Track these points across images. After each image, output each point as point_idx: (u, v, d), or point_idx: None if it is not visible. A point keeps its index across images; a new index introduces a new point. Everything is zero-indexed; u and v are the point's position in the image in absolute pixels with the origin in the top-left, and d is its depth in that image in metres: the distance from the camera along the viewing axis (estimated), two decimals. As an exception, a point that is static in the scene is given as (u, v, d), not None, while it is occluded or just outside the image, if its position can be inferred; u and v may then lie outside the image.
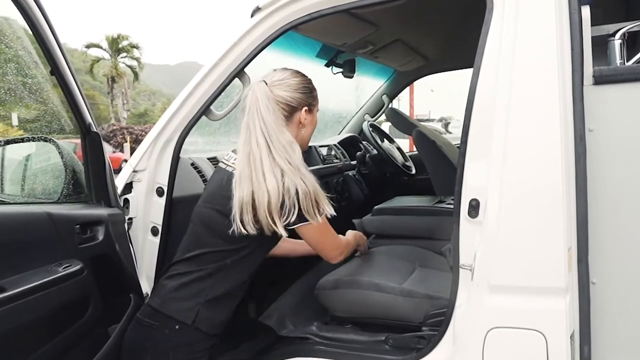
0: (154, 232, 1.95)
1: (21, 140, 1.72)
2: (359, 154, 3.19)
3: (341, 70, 2.81)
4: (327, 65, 2.77)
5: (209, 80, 1.78)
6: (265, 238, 1.49)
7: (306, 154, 2.87)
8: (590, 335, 1.32)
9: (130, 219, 1.93)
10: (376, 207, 2.37)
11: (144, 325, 1.54)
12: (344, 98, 3.61)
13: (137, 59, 38.98)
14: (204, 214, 1.60)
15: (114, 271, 1.61)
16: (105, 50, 37.91)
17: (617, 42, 1.48)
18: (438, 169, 2.69)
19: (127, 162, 2.03)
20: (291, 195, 1.41)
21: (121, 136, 26.85)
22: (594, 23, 1.36)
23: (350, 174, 3.09)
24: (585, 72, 1.32)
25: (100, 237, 1.52)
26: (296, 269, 2.85)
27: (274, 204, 1.39)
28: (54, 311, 1.29)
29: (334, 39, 2.44)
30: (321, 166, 2.88)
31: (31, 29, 1.29)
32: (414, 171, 3.27)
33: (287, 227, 1.45)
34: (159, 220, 1.93)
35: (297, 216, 1.43)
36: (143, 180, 1.92)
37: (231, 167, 1.54)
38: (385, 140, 3.28)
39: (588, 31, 1.34)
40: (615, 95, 1.32)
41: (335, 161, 3.06)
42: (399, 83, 3.48)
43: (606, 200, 1.32)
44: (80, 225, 1.44)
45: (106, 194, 1.66)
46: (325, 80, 3.00)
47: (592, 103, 1.32)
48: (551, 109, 1.28)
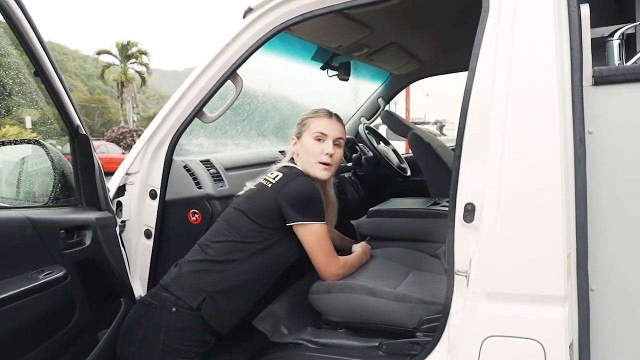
0: (147, 234, 1.86)
1: (8, 143, 1.61)
2: (354, 155, 3.10)
3: (337, 73, 2.71)
4: (322, 68, 2.67)
5: (201, 83, 1.69)
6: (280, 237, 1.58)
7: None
8: (590, 344, 1.22)
9: (124, 221, 1.84)
10: (371, 209, 2.27)
11: (144, 304, 1.54)
12: (340, 101, 3.51)
13: (145, 65, 38.99)
14: (229, 212, 1.66)
15: (102, 276, 1.51)
16: (115, 56, 37.90)
17: (615, 42, 1.38)
18: (433, 171, 2.59)
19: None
20: None
21: (130, 138, 26.90)
22: (586, 26, 1.26)
23: (346, 175, 2.99)
24: (584, 72, 1.21)
25: (88, 241, 1.42)
26: (293, 271, 2.75)
27: None
28: (34, 319, 1.19)
29: (329, 42, 2.34)
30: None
31: (11, 28, 1.18)
32: (409, 173, 3.17)
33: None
34: (152, 223, 1.84)
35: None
36: (136, 182, 1.82)
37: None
38: (381, 142, 3.17)
39: (587, 30, 1.23)
40: (616, 97, 1.21)
41: (331, 163, 2.95)
42: (395, 86, 3.39)
43: (606, 205, 1.22)
44: (65, 230, 1.34)
45: (96, 197, 1.56)
46: (322, 84, 2.91)
47: (591, 104, 1.21)
48: (550, 110, 1.18)
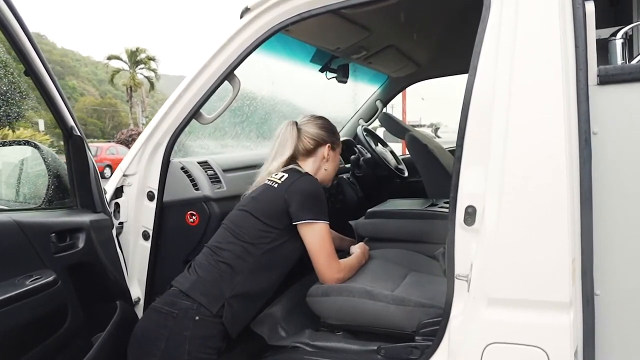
0: (145, 236, 1.76)
1: (1, 145, 1.51)
2: (353, 157, 3.01)
3: (335, 75, 2.62)
4: (321, 71, 2.58)
5: (198, 83, 1.59)
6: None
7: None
8: (595, 351, 1.13)
9: (121, 223, 1.75)
10: (369, 210, 2.17)
11: (162, 313, 1.43)
12: (339, 103, 3.43)
13: (154, 70, 38.94)
14: (235, 214, 1.58)
15: (97, 279, 1.41)
16: (124, 62, 37.84)
17: (618, 42, 1.29)
18: (430, 172, 2.51)
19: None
20: None
21: (139, 140, 26.71)
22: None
23: (344, 176, 2.91)
24: (589, 71, 1.12)
25: (81, 244, 1.32)
26: (292, 273, 2.66)
27: None
28: (21, 326, 1.09)
29: (328, 43, 2.25)
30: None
31: (-3, 25, 1.09)
32: (406, 174, 3.08)
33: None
34: (149, 225, 1.75)
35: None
36: (133, 184, 1.73)
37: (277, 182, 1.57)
38: (378, 144, 3.09)
39: (592, 27, 1.14)
40: (622, 96, 1.12)
41: (330, 164, 2.86)
42: (392, 89, 3.30)
43: (610, 208, 1.12)
44: (57, 233, 1.24)
45: (91, 199, 1.46)
46: (322, 86, 2.82)
47: (596, 104, 1.12)
48: (555, 110, 1.09)
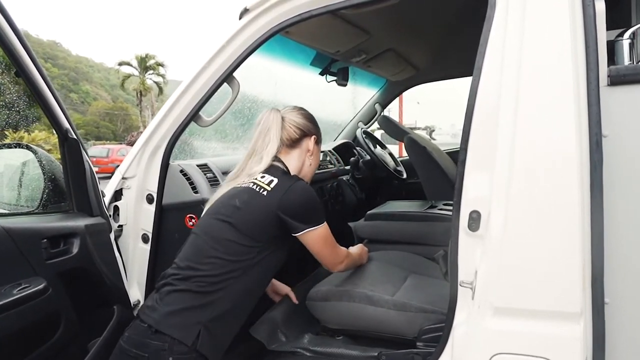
0: (145, 239, 1.67)
1: (-4, 147, 1.41)
2: (352, 159, 2.92)
3: (335, 78, 2.52)
4: (321, 74, 2.48)
5: (196, 86, 1.49)
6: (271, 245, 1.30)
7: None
8: (605, 362, 1.03)
9: (120, 226, 1.65)
10: (369, 212, 2.08)
11: (130, 357, 1.16)
12: (339, 107, 3.33)
13: (162, 76, 38.88)
14: (213, 225, 1.29)
15: (92, 284, 1.31)
16: (135, 67, 37.82)
17: (625, 42, 1.19)
18: (429, 174, 2.41)
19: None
20: None
21: (148, 142, 26.71)
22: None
23: (344, 178, 2.81)
24: (600, 71, 1.02)
25: (75, 250, 1.23)
26: (290, 276, 2.56)
27: None
28: (9, 337, 0.99)
29: (328, 46, 2.15)
30: (316, 171, 2.59)
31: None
32: (405, 175, 2.98)
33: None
34: (149, 227, 1.65)
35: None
36: (132, 187, 1.63)
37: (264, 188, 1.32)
38: (377, 146, 2.99)
39: (603, 26, 1.04)
40: (634, 97, 1.02)
41: (330, 166, 2.78)
42: (391, 92, 3.21)
43: (621, 213, 1.02)
44: (49, 239, 1.14)
45: (87, 203, 1.36)
46: (322, 90, 2.73)
47: (607, 106, 1.02)
48: (565, 112, 0.99)
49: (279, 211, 1.26)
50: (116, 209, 1.65)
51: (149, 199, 1.63)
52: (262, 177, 1.31)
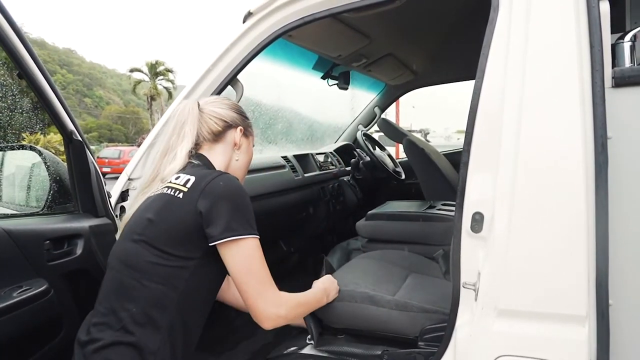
0: (150, 239, 1.60)
1: (2, 149, 1.35)
2: (353, 160, 2.87)
3: (336, 82, 2.46)
4: (323, 78, 2.42)
5: (201, 88, 1.43)
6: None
7: (305, 160, 2.55)
8: (610, 365, 0.96)
9: (127, 226, 1.59)
10: (370, 212, 2.01)
11: None
12: (340, 110, 3.28)
13: (171, 81, 38.88)
14: (128, 249, 0.98)
15: (97, 285, 1.25)
16: (145, 74, 37.81)
17: (626, 44, 1.12)
18: (427, 175, 2.35)
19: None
20: None
21: (157, 144, 26.77)
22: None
23: (345, 179, 2.76)
24: (605, 73, 0.96)
25: (79, 251, 1.16)
26: (290, 273, 2.51)
27: None
28: (9, 340, 0.93)
29: (330, 50, 2.09)
30: (318, 172, 2.54)
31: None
32: (403, 176, 2.93)
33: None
34: (154, 228, 1.58)
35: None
36: (138, 188, 1.56)
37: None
38: (377, 148, 2.93)
39: (607, 28, 0.98)
40: (638, 98, 0.96)
41: (331, 167, 2.73)
42: (390, 96, 3.15)
43: (624, 215, 0.96)
44: (52, 240, 1.08)
45: (92, 204, 1.30)
46: (324, 94, 2.67)
47: (611, 107, 0.95)
48: (571, 113, 0.92)
49: (198, 207, 0.95)
50: (123, 209, 1.59)
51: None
52: (177, 179, 1.02)
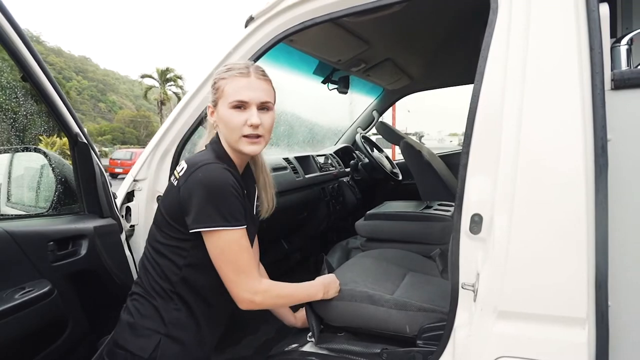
0: (155, 238, 1.55)
1: (7, 151, 1.30)
2: (352, 162, 2.82)
3: (336, 86, 2.40)
4: (323, 82, 2.37)
5: (204, 91, 1.38)
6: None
7: (306, 162, 2.49)
8: (609, 366, 0.91)
9: (132, 226, 1.53)
10: (368, 212, 1.96)
11: None
12: (340, 113, 3.23)
13: (180, 87, 38.90)
14: (150, 230, 1.10)
15: (102, 284, 1.20)
16: (156, 80, 37.78)
17: (623, 47, 1.07)
18: (423, 176, 2.29)
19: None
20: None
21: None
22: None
23: (344, 180, 2.71)
24: (604, 75, 0.90)
25: (83, 251, 1.11)
26: (292, 270, 2.46)
27: None
28: (11, 342, 0.87)
29: (330, 55, 2.03)
30: (318, 173, 2.48)
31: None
32: (400, 177, 2.88)
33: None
34: (159, 228, 1.53)
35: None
36: (143, 189, 1.52)
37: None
38: (375, 150, 2.88)
39: (607, 30, 0.92)
40: (637, 101, 0.90)
41: (331, 169, 2.67)
42: (387, 100, 3.10)
43: (624, 217, 0.91)
44: (56, 241, 1.03)
45: (98, 205, 1.25)
46: (325, 100, 2.62)
47: (610, 110, 0.90)
48: (571, 116, 0.87)
49: (180, 196, 0.97)
50: (128, 209, 1.54)
51: (159, 200, 1.52)
52: (179, 166, 1.05)
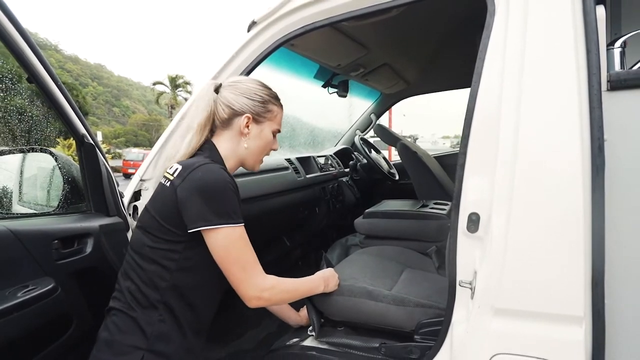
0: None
1: (17, 152, 1.26)
2: (351, 163, 2.78)
3: (336, 90, 2.36)
4: (324, 86, 2.32)
5: (206, 95, 1.33)
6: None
7: (307, 162, 2.45)
8: (605, 364, 0.86)
9: (139, 224, 1.50)
10: (367, 210, 1.92)
11: None
12: (339, 116, 3.18)
13: (190, 92, 38.89)
14: (135, 235, 0.99)
15: (108, 281, 1.15)
16: (166, 86, 37.81)
17: (617, 50, 1.02)
18: (419, 176, 2.25)
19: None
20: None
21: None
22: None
23: (344, 180, 2.67)
24: (601, 76, 0.86)
25: (88, 249, 1.07)
26: (293, 266, 2.41)
27: None
28: (14, 339, 0.83)
29: (330, 60, 1.99)
30: (319, 174, 2.44)
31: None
32: (397, 177, 2.83)
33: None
34: (165, 226, 1.48)
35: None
36: (150, 188, 1.47)
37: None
38: (373, 151, 2.83)
39: (603, 32, 0.88)
40: (634, 102, 0.86)
41: (331, 169, 2.63)
42: (384, 104, 3.05)
43: (621, 216, 0.86)
44: (61, 240, 0.99)
45: (104, 204, 1.21)
46: (325, 104, 2.58)
47: (606, 111, 0.86)
48: (568, 116, 0.82)
49: (177, 196, 0.89)
50: (135, 208, 1.49)
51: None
52: (170, 168, 0.96)
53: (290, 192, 2.09)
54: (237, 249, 0.90)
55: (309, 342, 1.30)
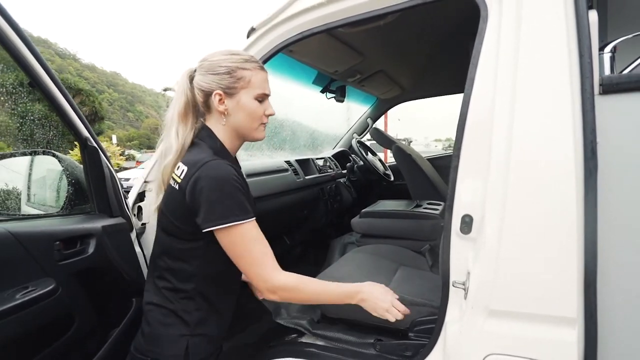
0: (165, 235, 1.46)
1: (21, 154, 1.21)
2: (348, 164, 2.73)
3: (334, 95, 2.31)
4: (322, 92, 2.27)
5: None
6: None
7: (306, 164, 2.40)
8: (598, 365, 0.82)
9: (144, 224, 1.45)
10: (363, 210, 1.87)
11: None
12: (337, 121, 3.14)
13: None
14: (157, 232, 0.98)
15: (110, 281, 1.11)
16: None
17: (607, 55, 0.97)
18: (413, 177, 2.20)
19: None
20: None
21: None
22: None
23: (341, 181, 2.62)
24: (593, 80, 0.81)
25: (91, 250, 1.02)
26: (293, 264, 2.37)
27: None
28: (14, 339, 0.78)
29: (328, 66, 1.94)
30: (317, 175, 2.39)
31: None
32: (392, 178, 2.78)
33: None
34: (168, 225, 1.44)
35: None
36: (153, 189, 1.42)
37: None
38: (369, 153, 2.79)
39: (595, 36, 0.83)
40: (626, 105, 0.81)
41: (329, 171, 2.58)
42: (380, 109, 3.00)
43: (613, 220, 0.81)
44: (63, 241, 0.94)
45: (107, 205, 1.16)
46: (323, 108, 2.53)
47: (599, 114, 0.81)
48: (561, 120, 0.78)
49: (187, 198, 0.85)
50: (140, 209, 1.45)
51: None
52: (177, 169, 0.90)
53: (290, 193, 2.04)
54: (246, 243, 0.84)
55: (306, 337, 1.26)
